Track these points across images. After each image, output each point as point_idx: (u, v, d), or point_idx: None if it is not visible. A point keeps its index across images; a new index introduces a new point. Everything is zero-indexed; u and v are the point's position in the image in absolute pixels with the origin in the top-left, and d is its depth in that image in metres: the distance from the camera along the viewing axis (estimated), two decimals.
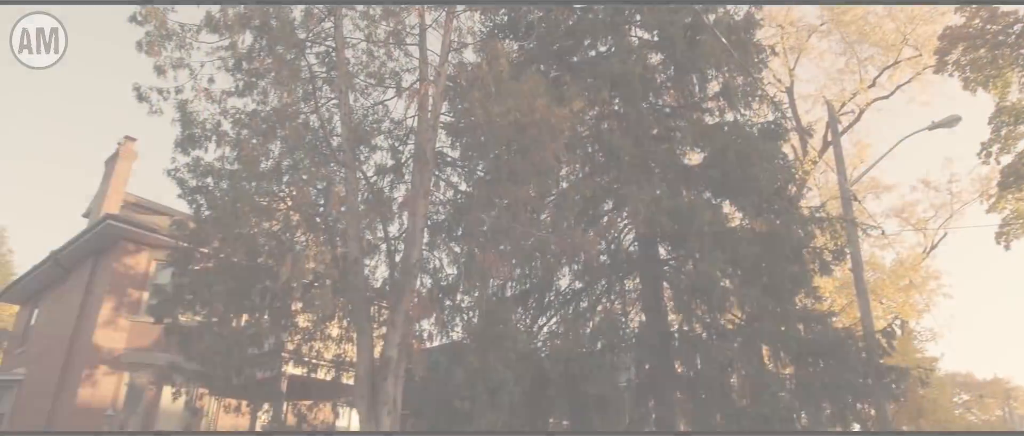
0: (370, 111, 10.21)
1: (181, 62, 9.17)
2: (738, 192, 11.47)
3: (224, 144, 8.86)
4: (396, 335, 8.10)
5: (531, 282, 12.98)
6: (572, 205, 10.65)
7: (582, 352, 10.83)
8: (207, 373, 10.19)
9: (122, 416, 15.75)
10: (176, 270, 10.50)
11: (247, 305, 9.33)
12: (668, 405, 11.83)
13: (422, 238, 8.96)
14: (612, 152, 11.85)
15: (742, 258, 10.81)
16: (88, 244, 17.76)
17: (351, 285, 8.23)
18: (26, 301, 22.41)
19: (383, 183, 9.91)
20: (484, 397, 9.68)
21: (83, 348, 16.32)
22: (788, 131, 13.01)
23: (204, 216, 9.63)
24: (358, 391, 8.27)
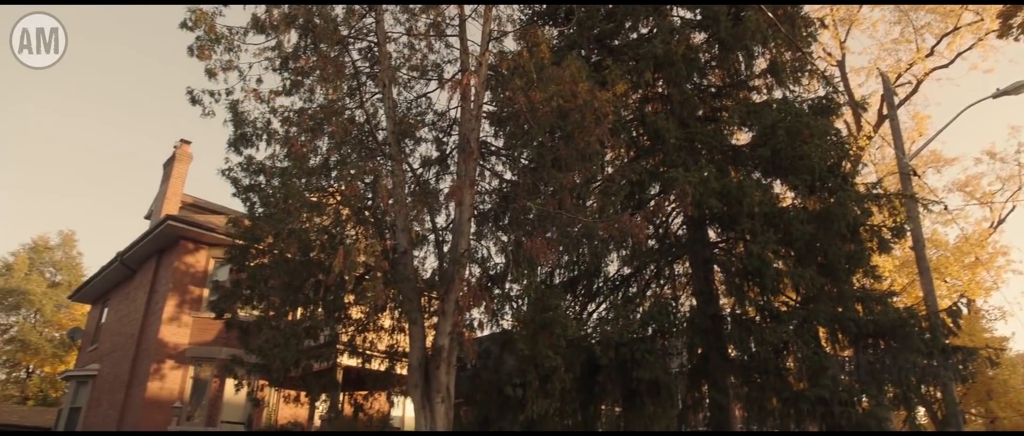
0: (414, 104, 10.32)
1: (230, 64, 9.45)
2: (789, 171, 11.16)
3: (274, 142, 9.10)
4: (447, 324, 8.20)
5: (579, 269, 12.93)
6: (618, 190, 10.55)
7: (633, 337, 10.75)
8: (266, 365, 10.53)
9: (188, 408, 16.42)
10: (233, 267, 10.87)
11: (301, 299, 9.58)
12: (721, 389, 11.66)
13: (470, 228, 9.02)
14: (657, 135, 11.68)
15: (795, 238, 10.54)
16: (151, 244, 18.53)
17: (401, 276, 8.37)
18: (96, 300, 23.54)
19: (429, 175, 10.02)
20: (535, 384, 9.72)
21: (150, 344, 17.07)
22: (841, 106, 12.55)
23: (257, 214, 9.93)
24: (411, 380, 8.42)
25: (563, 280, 12.96)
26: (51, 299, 40.59)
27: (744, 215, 10.58)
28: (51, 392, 37.10)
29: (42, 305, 40.35)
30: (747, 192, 10.37)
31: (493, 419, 11.39)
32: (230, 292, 10.46)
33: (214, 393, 16.95)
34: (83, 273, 40.98)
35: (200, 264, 17.92)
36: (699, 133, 11.97)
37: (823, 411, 9.89)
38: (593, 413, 12.73)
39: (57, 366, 37.86)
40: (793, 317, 10.52)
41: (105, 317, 22.00)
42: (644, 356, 10.39)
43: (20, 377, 40.41)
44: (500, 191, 10.31)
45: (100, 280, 21.77)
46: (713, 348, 11.74)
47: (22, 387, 39.41)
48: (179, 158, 20.67)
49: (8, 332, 40.58)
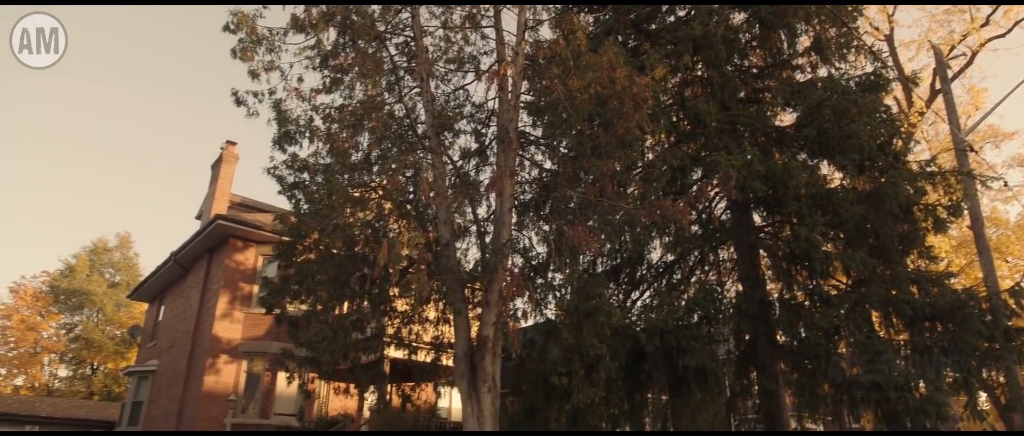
0: (451, 97, 10.37)
1: (272, 65, 9.65)
2: (837, 151, 10.84)
3: (316, 139, 9.27)
4: (491, 314, 8.25)
5: (622, 257, 12.84)
6: (659, 176, 10.42)
7: (678, 325, 10.64)
8: (316, 358, 10.78)
9: (243, 401, 16.94)
10: (281, 263, 11.15)
11: (348, 293, 9.77)
12: (771, 376, 11.45)
13: (511, 218, 9.04)
14: (698, 119, 11.48)
15: (845, 220, 10.25)
16: (202, 244, 19.12)
17: (444, 268, 8.45)
18: (153, 299, 24.43)
19: (469, 167, 10.07)
20: (580, 373, 9.71)
21: (204, 339, 17.64)
22: (890, 82, 12.10)
23: (303, 210, 10.14)
24: (458, 370, 8.50)
25: (606, 268, 12.90)
26: (111, 299, 42.31)
27: (790, 198, 10.34)
28: (115, 387, 38.72)
29: (103, 304, 42.10)
30: (793, 174, 10.12)
31: (539, 408, 11.44)
32: (279, 288, 10.73)
33: (267, 386, 17.44)
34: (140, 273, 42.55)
35: (249, 261, 18.42)
36: (741, 115, 11.73)
37: (878, 397, 9.63)
38: (639, 401, 12.66)
39: (119, 362, 39.49)
40: (844, 301, 10.24)
41: (162, 315, 22.83)
42: (690, 343, 10.28)
43: (86, 374, 42.28)
44: (540, 180, 10.29)
45: (156, 279, 22.59)
46: (761, 334, 11.53)
47: (88, 383, 41.24)
48: (226, 159, 21.25)
49: (73, 331, 42.50)
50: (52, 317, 42.47)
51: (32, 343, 41.76)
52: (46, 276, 43.14)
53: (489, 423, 8.10)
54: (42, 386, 41.91)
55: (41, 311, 42.14)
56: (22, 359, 41.77)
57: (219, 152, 21.74)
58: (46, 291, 42.49)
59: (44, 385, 42.11)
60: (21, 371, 42.13)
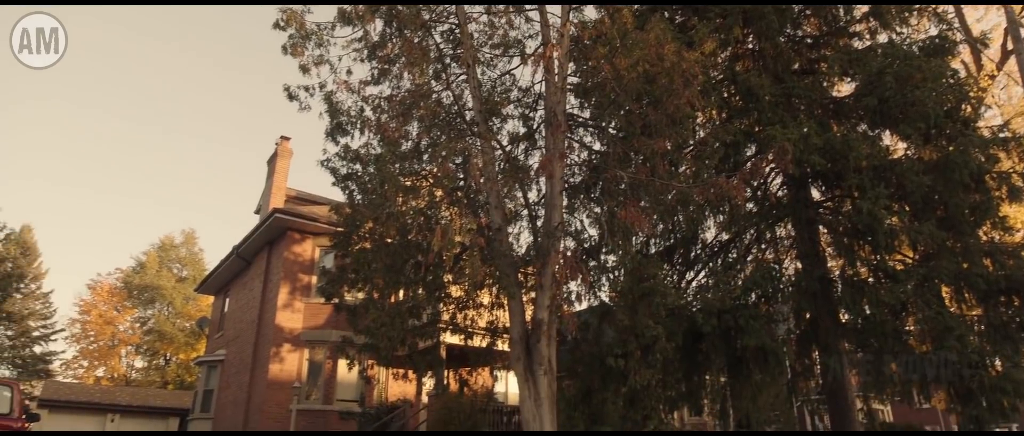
0: (498, 82, 10.37)
1: (321, 59, 9.84)
2: (900, 120, 10.38)
3: (367, 130, 9.42)
4: (545, 298, 8.27)
5: (675, 237, 12.67)
6: (712, 153, 10.20)
7: (735, 304, 10.43)
8: (374, 345, 11.03)
9: (306, 387, 17.51)
10: (338, 253, 11.42)
11: (403, 280, 9.94)
12: (834, 354, 11.14)
13: (561, 201, 9.02)
14: (750, 93, 11.17)
15: (910, 192, 9.83)
16: (262, 237, 19.76)
17: (497, 252, 8.50)
18: (218, 291, 25.42)
19: (518, 151, 10.07)
20: (636, 354, 9.65)
21: (268, 329, 18.28)
22: (956, 45, 11.48)
23: (356, 200, 10.35)
24: (514, 353, 8.57)
25: (659, 249, 12.75)
26: (180, 292, 44.27)
27: (850, 170, 9.97)
28: (186, 376, 40.58)
29: (173, 298, 44.09)
30: (853, 146, 9.76)
31: (595, 390, 11.43)
32: (336, 277, 11.00)
33: (328, 373, 17.96)
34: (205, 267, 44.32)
35: (307, 253, 18.95)
36: (796, 87, 11.35)
37: (950, 375, 9.26)
38: (697, 383, 12.51)
39: (190, 353, 41.33)
40: (912, 276, 9.85)
41: (227, 306, 23.74)
42: (748, 323, 10.08)
43: (160, 364, 44.43)
44: (589, 163, 10.21)
45: (220, 273, 23.49)
46: (822, 312, 11.22)
47: (162, 373, 43.34)
48: (281, 154, 21.84)
49: (147, 324, 44.68)
50: (127, 311, 44.77)
51: (110, 336, 44.16)
52: (120, 273, 45.45)
53: (546, 405, 8.15)
54: (121, 377, 44.30)
55: (117, 306, 44.47)
56: (102, 352, 44.23)
57: (274, 147, 22.38)
58: (120, 287, 44.77)
59: (123, 376, 44.50)
60: (102, 363, 44.63)
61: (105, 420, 30.21)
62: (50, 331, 40.81)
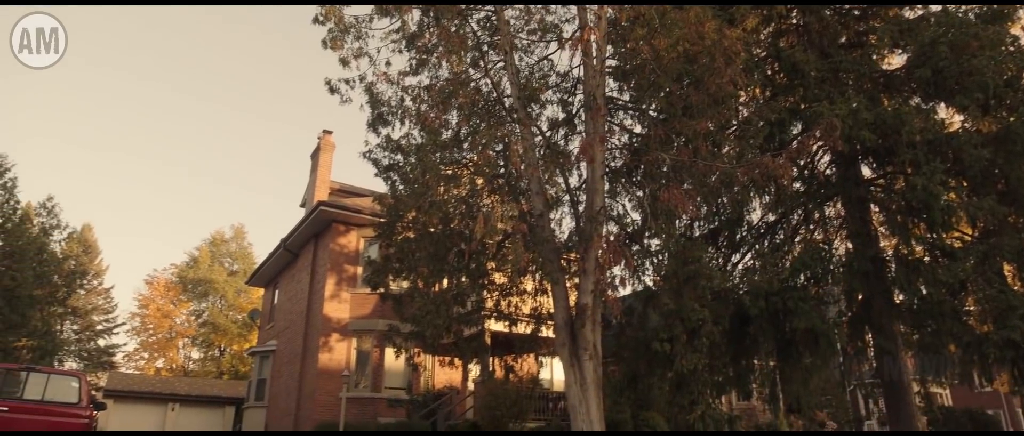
0: (536, 67, 10.32)
1: (360, 51, 9.95)
2: (955, 91, 9.95)
3: (407, 120, 9.51)
4: (589, 283, 8.25)
5: (719, 219, 12.45)
6: (756, 133, 9.96)
7: (784, 286, 10.22)
8: (420, 333, 11.19)
9: (355, 376, 17.88)
10: (382, 243, 11.60)
11: (447, 268, 10.04)
12: (889, 336, 10.83)
13: (603, 185, 8.95)
14: (795, 69, 10.87)
15: (968, 166, 9.43)
16: (308, 230, 20.19)
17: (539, 238, 8.50)
18: (268, 284, 26.10)
19: (557, 137, 10.03)
20: (682, 338, 9.56)
21: (316, 319, 18.70)
22: (1017, 9, 10.93)
23: (399, 191, 10.48)
24: (558, 339, 8.58)
25: (703, 232, 12.56)
26: (231, 285, 45.65)
27: (903, 145, 9.62)
28: (240, 367, 41.90)
29: (225, 291, 45.51)
30: (905, 120, 9.41)
31: (642, 375, 11.39)
32: (381, 266, 11.18)
33: (376, 361, 18.30)
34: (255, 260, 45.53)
35: (352, 244, 19.28)
36: (843, 62, 10.99)
37: (1013, 356, 8.90)
38: (745, 367, 12.34)
39: (243, 343, 42.64)
40: (971, 254, 9.48)
41: (277, 298, 24.36)
42: (798, 305, 9.87)
43: (214, 355, 45.98)
44: (630, 146, 10.10)
45: (269, 265, 24.10)
46: (875, 293, 10.91)
47: (217, 363, 44.85)
48: (324, 147, 22.23)
49: (201, 316, 46.25)
50: (182, 305, 46.43)
51: (168, 329, 45.90)
52: (174, 268, 47.12)
53: (592, 390, 8.15)
54: (179, 367, 46.03)
55: (173, 300, 46.16)
56: (160, 344, 46.03)
57: (317, 142, 22.78)
58: (176, 281, 46.43)
59: (180, 366, 46.23)
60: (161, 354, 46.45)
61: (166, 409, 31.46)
62: (112, 325, 42.64)
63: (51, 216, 19.52)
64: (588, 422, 8.04)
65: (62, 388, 10.37)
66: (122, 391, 30.83)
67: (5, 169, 18.21)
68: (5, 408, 8.84)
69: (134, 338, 45.62)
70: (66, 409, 9.51)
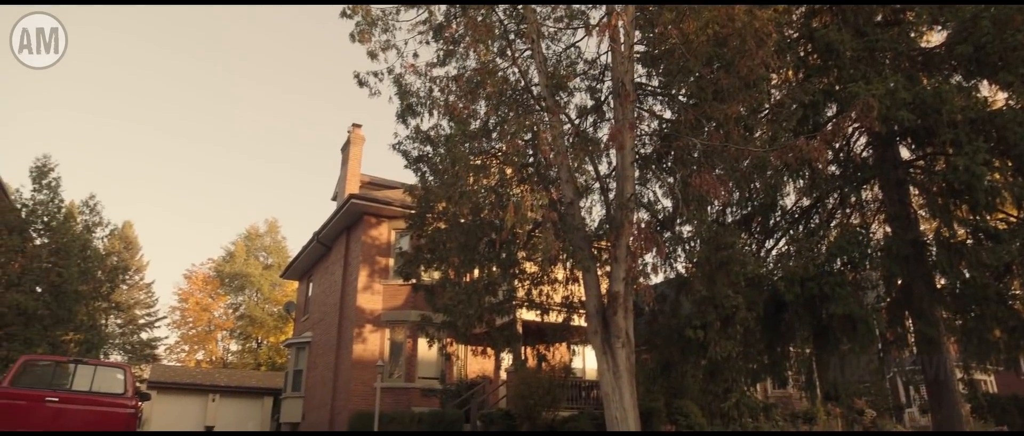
0: (563, 55, 10.26)
1: (388, 44, 10.01)
2: (999, 67, 9.62)
3: (436, 111, 9.55)
4: (620, 270, 8.21)
5: (752, 205, 12.26)
6: (789, 115, 9.77)
7: (820, 271, 10.04)
8: (452, 322, 11.27)
9: (389, 366, 18.11)
10: (413, 234, 11.70)
11: (477, 258, 10.08)
12: (930, 322, 10.56)
13: (633, 172, 8.88)
14: (829, 49, 10.61)
15: (1012, 145, 9.12)
16: (340, 222, 20.45)
17: (570, 226, 8.48)
18: (302, 276, 26.54)
19: (586, 124, 9.97)
20: (716, 325, 9.47)
21: (350, 311, 18.97)
22: None
23: (429, 182, 10.54)
24: (590, 327, 8.57)
25: (736, 218, 12.39)
26: (266, 279, 46.54)
27: (944, 125, 9.35)
28: (277, 358, 42.73)
29: (260, 285, 46.42)
30: (946, 98, 9.13)
31: (675, 363, 11.32)
32: (413, 257, 11.28)
33: (409, 352, 18.51)
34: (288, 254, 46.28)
35: (383, 236, 19.49)
36: (879, 40, 10.69)
37: None
38: (780, 353, 12.17)
39: (279, 336, 43.48)
40: (1016, 235, 9.20)
41: (311, 290, 24.76)
42: (835, 290, 9.69)
43: (252, 347, 47.00)
44: (660, 132, 10.00)
45: (302, 258, 24.50)
46: (916, 277, 10.65)
47: (255, 355, 45.83)
48: (354, 141, 22.46)
49: (238, 310, 47.29)
50: (220, 298, 47.50)
51: (206, 322, 47.03)
52: (211, 262, 48.20)
53: (625, 377, 8.12)
54: (218, 359, 47.15)
55: (211, 294, 47.25)
56: (200, 336, 47.20)
57: (347, 135, 23.01)
58: (213, 276, 47.50)
59: (220, 358, 47.35)
60: (201, 347, 47.64)
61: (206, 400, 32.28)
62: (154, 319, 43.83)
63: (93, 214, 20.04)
64: (622, 409, 8.03)
65: (108, 379, 10.70)
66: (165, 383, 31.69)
67: (49, 169, 18.76)
68: (55, 398, 9.17)
69: (175, 331, 46.86)
70: (112, 399, 9.82)
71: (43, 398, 9.09)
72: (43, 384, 10.04)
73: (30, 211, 18.07)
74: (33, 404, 8.93)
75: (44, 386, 9.91)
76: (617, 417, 8.05)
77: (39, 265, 17.12)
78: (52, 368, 10.70)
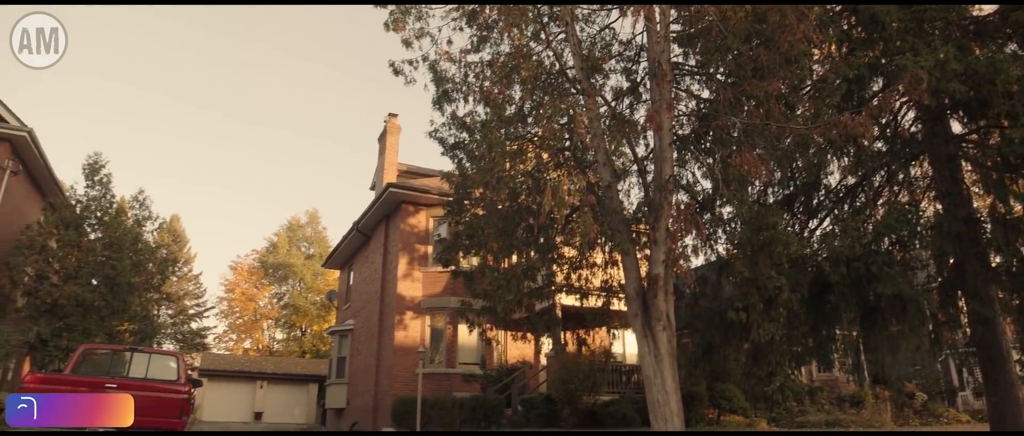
0: (597, 37, 10.15)
1: (422, 32, 10.05)
2: None
3: (471, 97, 9.56)
4: (660, 252, 8.13)
5: (795, 184, 11.98)
6: (832, 91, 9.49)
7: (867, 251, 9.77)
8: (491, 308, 11.34)
9: (430, 352, 18.34)
10: (450, 220, 11.78)
11: (516, 243, 10.10)
12: (985, 302, 10.19)
13: (671, 153, 8.76)
14: (874, 21, 10.25)
15: None
16: (378, 211, 20.72)
17: (608, 209, 8.42)
18: (343, 265, 27.01)
19: (622, 106, 9.86)
20: (759, 307, 9.32)
21: (390, 299, 19.24)
22: None
23: (466, 168, 10.59)
24: (630, 310, 8.52)
25: (778, 198, 12.13)
26: (309, 269, 47.52)
27: (998, 96, 8.95)
28: (321, 346, 43.68)
29: (303, 274, 47.42)
30: (1000, 68, 8.74)
31: (717, 346, 11.19)
32: (451, 244, 11.37)
33: (449, 338, 18.71)
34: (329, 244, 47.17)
35: (421, 224, 19.68)
36: (928, 10, 10.27)
37: None
38: (825, 336, 11.91)
39: (322, 324, 44.42)
40: None
41: (352, 279, 25.19)
42: (883, 270, 9.42)
43: (297, 335, 48.13)
44: (698, 112, 9.82)
45: (343, 248, 24.92)
46: (969, 256, 10.27)
47: (299, 343, 46.94)
48: (390, 130, 22.68)
49: (282, 299, 48.42)
50: (265, 288, 48.71)
51: (252, 312, 48.33)
52: (255, 253, 49.43)
53: (666, 360, 8.07)
54: (265, 348, 48.44)
55: (256, 284, 48.48)
56: (247, 325, 48.54)
57: (383, 125, 23.24)
58: (257, 266, 48.71)
59: (266, 347, 48.64)
60: (247, 335, 49.01)
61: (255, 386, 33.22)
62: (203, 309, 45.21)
63: (143, 208, 20.71)
64: (663, 392, 7.98)
65: (162, 366, 11.15)
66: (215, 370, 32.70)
67: (100, 166, 19.43)
68: (114, 385, 9.56)
69: (222, 321, 48.30)
70: (166, 385, 10.20)
71: (103, 384, 9.49)
72: (102, 371, 10.51)
73: (84, 207, 18.77)
74: (94, 389, 9.35)
75: (103, 373, 10.37)
76: (659, 400, 8.01)
77: (94, 259, 17.80)
78: (110, 356, 11.20)
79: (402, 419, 16.02)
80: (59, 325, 16.57)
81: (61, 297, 16.71)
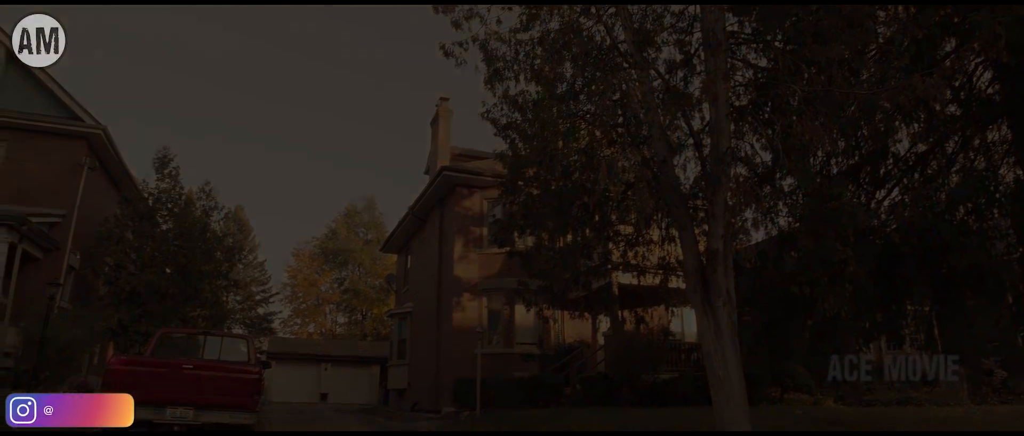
0: (648, 9, 9.92)
1: (471, 13, 10.02)
2: None
3: (522, 75, 9.51)
4: (719, 227, 7.96)
5: (860, 154, 11.49)
6: (900, 53, 9.01)
7: (940, 221, 9.32)
8: (548, 287, 11.37)
9: (487, 333, 18.55)
10: (505, 201, 11.83)
11: (571, 222, 10.06)
12: None
13: (729, 125, 8.53)
14: None
15: None
16: (433, 195, 21.00)
17: (664, 185, 8.29)
18: (400, 250, 27.53)
19: (676, 80, 9.63)
20: (823, 281, 9.03)
21: (447, 281, 19.53)
22: None
23: (519, 148, 10.57)
24: (690, 286, 8.39)
25: (842, 168, 11.66)
26: (367, 254, 48.65)
27: None
28: (381, 329, 44.79)
29: (362, 259, 48.60)
30: None
31: (779, 322, 10.92)
32: (506, 224, 11.42)
33: (506, 318, 18.89)
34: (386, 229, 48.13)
35: (475, 206, 19.85)
36: None
37: None
38: (896, 311, 11.45)
39: (382, 307, 45.49)
40: None
41: (409, 263, 25.67)
42: (958, 240, 8.98)
43: (358, 319, 49.45)
44: (755, 81, 9.50)
45: (399, 232, 25.40)
46: None
47: (360, 327, 48.23)
48: (442, 114, 22.87)
49: (343, 284, 49.78)
50: (326, 274, 50.16)
51: (315, 297, 49.89)
52: (315, 240, 50.91)
53: (727, 337, 7.93)
54: (328, 331, 49.98)
55: (317, 269, 49.97)
56: (310, 310, 50.18)
57: (435, 109, 23.45)
58: (318, 253, 50.18)
59: (329, 330, 50.18)
60: (311, 319, 50.65)
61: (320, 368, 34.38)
62: (268, 294, 46.98)
63: (210, 199, 21.59)
64: (725, 368, 7.85)
65: (233, 349, 11.71)
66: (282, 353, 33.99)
67: (169, 159, 20.32)
68: (190, 366, 10.08)
69: (287, 306, 50.06)
70: (238, 366, 10.66)
71: (181, 365, 10.01)
72: (178, 353, 11.11)
73: (156, 199, 19.72)
74: (173, 371, 9.86)
75: (179, 355, 10.95)
76: (720, 376, 7.88)
77: (167, 248, 18.71)
78: (185, 339, 11.84)
79: (463, 398, 16.30)
80: (138, 311, 17.53)
81: (139, 285, 17.66)
